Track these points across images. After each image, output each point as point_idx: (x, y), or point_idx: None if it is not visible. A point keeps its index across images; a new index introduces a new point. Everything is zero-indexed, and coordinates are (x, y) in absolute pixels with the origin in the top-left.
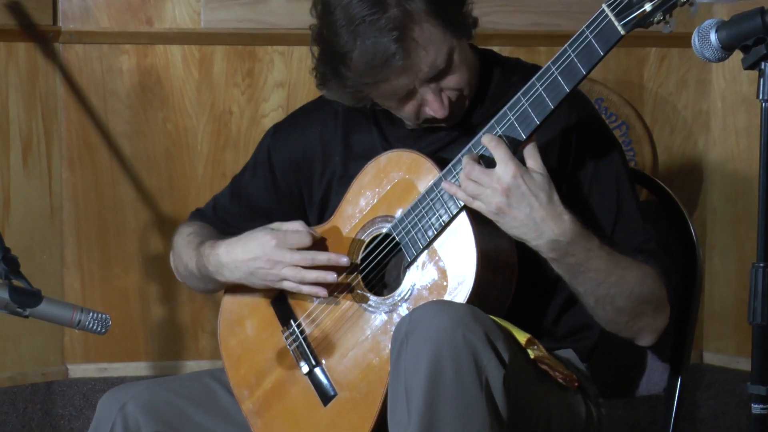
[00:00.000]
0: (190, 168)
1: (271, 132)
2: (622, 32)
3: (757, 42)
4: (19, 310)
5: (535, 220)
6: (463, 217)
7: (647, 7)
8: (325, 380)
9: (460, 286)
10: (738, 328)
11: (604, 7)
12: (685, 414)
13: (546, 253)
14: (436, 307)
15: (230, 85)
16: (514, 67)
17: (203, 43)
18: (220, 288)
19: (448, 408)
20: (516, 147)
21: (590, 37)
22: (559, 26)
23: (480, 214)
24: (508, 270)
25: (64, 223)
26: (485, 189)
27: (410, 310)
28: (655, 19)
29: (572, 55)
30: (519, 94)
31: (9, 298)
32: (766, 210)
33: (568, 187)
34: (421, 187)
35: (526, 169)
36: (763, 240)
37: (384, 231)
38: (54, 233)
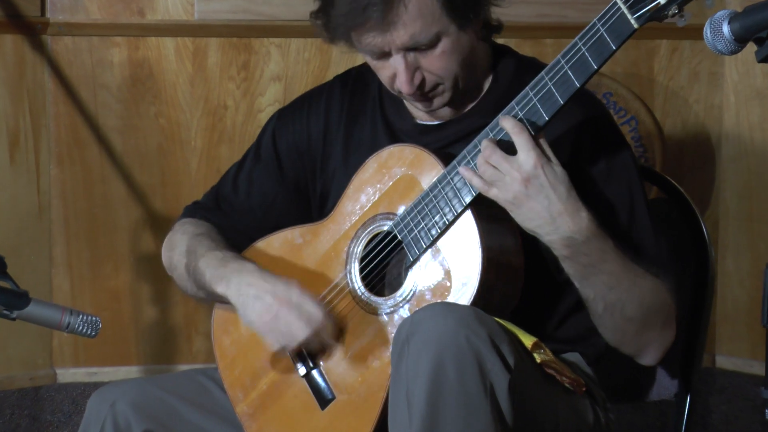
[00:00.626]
0: (183, 164)
1: (276, 116)
2: (635, 26)
3: None
4: (6, 312)
5: (552, 213)
6: (468, 216)
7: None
8: (322, 383)
9: (464, 288)
10: (752, 331)
11: None
12: (697, 419)
13: (559, 250)
14: (439, 308)
15: (225, 79)
16: (529, 66)
17: (197, 35)
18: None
19: (451, 414)
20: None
21: (602, 30)
22: (566, 18)
23: (485, 213)
24: (514, 271)
25: (53, 222)
26: (504, 176)
27: (412, 311)
28: (669, 13)
29: (583, 49)
30: (527, 88)
31: None
32: None
33: (577, 193)
34: (425, 184)
35: (548, 160)
36: None
37: (385, 229)
38: (42, 232)
